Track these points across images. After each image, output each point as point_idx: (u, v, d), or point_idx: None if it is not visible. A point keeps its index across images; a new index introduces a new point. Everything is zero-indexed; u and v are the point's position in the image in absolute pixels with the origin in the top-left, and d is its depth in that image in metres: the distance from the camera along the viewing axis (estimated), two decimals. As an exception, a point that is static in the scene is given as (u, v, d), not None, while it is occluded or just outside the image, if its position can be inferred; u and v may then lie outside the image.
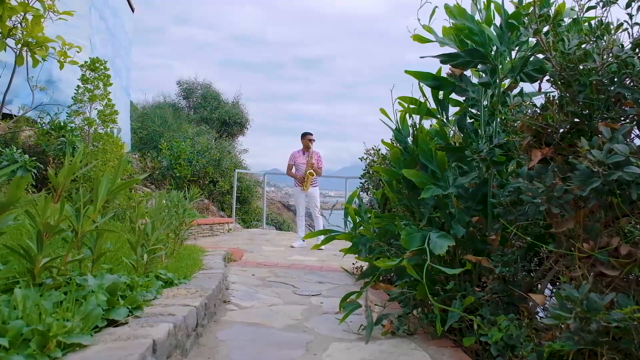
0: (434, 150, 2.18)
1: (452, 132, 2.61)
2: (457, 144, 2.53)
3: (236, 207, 10.70)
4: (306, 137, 7.78)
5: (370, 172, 3.92)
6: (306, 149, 7.74)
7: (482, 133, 2.35)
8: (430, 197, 2.19)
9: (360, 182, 4.21)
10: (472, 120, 2.49)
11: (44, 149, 7.82)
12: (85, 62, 7.96)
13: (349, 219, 2.26)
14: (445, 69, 2.50)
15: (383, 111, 2.57)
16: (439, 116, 2.52)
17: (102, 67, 8.03)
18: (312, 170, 7.58)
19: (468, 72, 2.49)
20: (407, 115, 2.51)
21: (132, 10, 12.96)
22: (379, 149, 4.02)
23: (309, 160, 7.66)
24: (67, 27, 9.82)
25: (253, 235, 8.98)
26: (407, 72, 2.48)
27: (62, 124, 8.16)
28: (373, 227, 2.27)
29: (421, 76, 2.45)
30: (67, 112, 7.96)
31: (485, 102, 2.41)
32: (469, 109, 2.51)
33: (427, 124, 2.82)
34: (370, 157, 4.03)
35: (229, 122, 15.00)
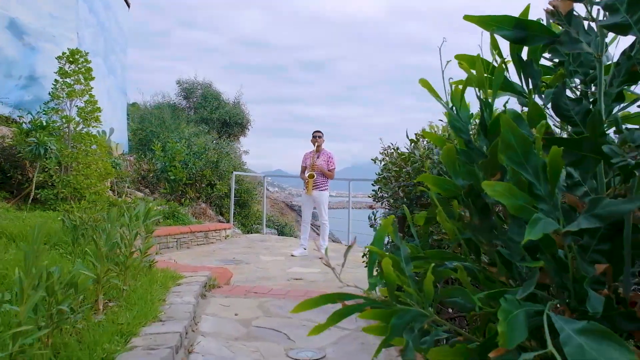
0: (539, 145, 1.11)
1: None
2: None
3: (235, 211, 9.65)
4: (312, 136, 6.78)
5: (386, 176, 2.85)
6: (316, 149, 6.71)
7: (603, 114, 1.28)
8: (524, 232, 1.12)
9: (373, 190, 3.13)
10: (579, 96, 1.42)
11: (19, 151, 6.77)
12: (64, 53, 6.91)
13: (378, 268, 1.20)
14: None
15: (425, 83, 1.49)
16: (523, 88, 1.44)
17: (83, 60, 6.97)
18: (312, 172, 6.54)
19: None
20: (473, 90, 1.43)
21: (128, 5, 11.93)
22: (397, 147, 2.94)
23: (312, 161, 6.63)
24: (50, 19, 8.80)
25: (251, 242, 7.93)
26: (467, 17, 1.42)
27: (44, 123, 7.11)
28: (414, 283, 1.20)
29: (494, 22, 1.38)
30: (44, 110, 6.91)
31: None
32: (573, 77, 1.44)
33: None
34: (387, 158, 2.94)
35: (229, 122, 13.90)
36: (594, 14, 1.35)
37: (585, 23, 1.36)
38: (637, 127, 1.30)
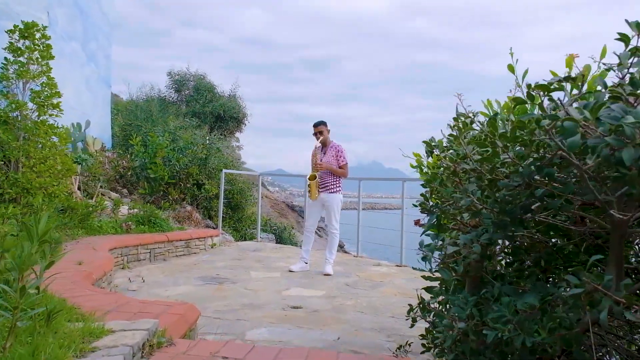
0: None
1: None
2: None
3: (227, 215, 8.32)
4: (314, 131, 5.38)
5: (459, 169, 1.52)
6: (323, 144, 5.34)
7: None
8: None
9: (422, 195, 1.80)
10: None
11: (-39, 143, 5.45)
12: (15, 26, 5.60)
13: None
14: None
15: None
16: None
17: (40, 35, 5.65)
18: (313, 173, 5.21)
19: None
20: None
21: (112, -11, 10.58)
22: (476, 113, 1.61)
23: (314, 158, 5.30)
24: (15, -6, 7.45)
25: (242, 252, 6.60)
26: None
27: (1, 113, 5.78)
28: None
29: None
30: (-11, 94, 5.57)
31: None
32: None
33: None
34: (463, 138, 1.61)
35: (224, 116, 12.53)
36: None
37: None
38: None
